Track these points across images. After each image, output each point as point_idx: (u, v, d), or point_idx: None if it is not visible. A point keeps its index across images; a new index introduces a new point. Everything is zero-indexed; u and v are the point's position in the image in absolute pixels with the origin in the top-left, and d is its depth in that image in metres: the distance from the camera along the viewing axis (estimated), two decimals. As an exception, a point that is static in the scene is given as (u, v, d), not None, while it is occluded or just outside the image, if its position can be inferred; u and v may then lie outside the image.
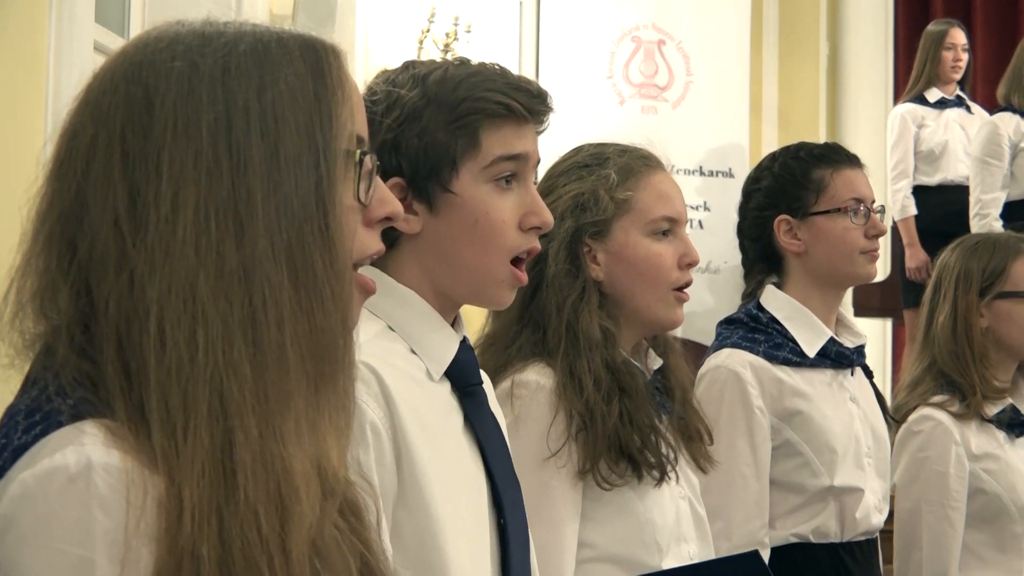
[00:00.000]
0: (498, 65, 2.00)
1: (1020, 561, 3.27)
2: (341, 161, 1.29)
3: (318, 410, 1.24)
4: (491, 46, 7.10)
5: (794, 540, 2.93)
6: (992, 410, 3.30)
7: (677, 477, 2.37)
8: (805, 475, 2.93)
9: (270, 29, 1.31)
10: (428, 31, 6.86)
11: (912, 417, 3.30)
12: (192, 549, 1.14)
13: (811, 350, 2.97)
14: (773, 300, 3.03)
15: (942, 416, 3.27)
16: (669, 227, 2.43)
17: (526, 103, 1.94)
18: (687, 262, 2.43)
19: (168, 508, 1.14)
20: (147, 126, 1.23)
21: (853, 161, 3.07)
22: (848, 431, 2.97)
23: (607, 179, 2.42)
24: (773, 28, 8.53)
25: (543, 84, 2.07)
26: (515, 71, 6.62)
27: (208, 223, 1.21)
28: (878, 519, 3.02)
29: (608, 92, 7.28)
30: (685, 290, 2.44)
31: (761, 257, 3.08)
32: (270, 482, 1.18)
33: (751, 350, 2.95)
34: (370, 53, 6.69)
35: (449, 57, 6.89)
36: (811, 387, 2.96)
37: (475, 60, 2.00)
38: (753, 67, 8.06)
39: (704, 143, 7.29)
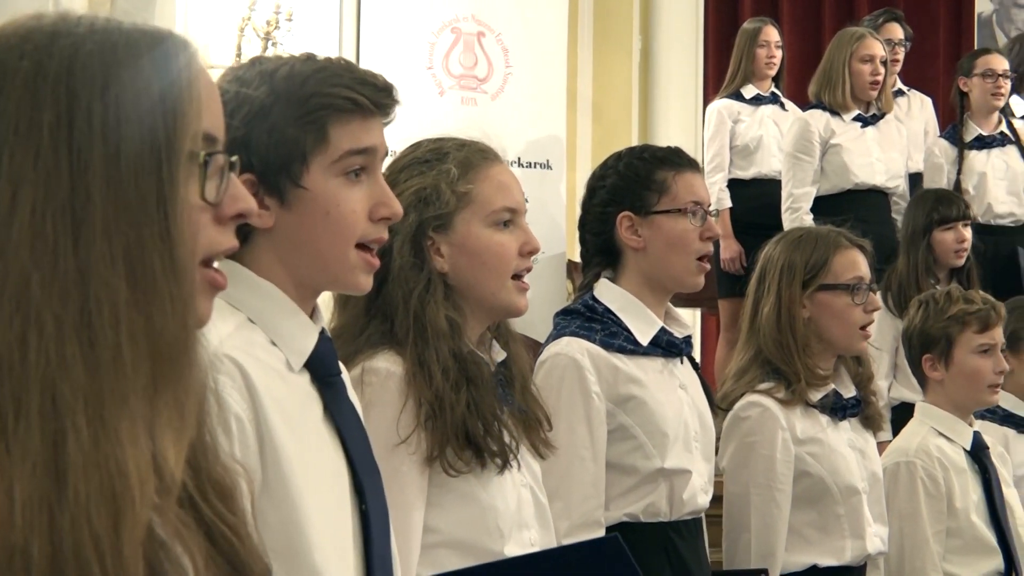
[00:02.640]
0: (344, 59, 2.05)
1: (842, 540, 3.41)
2: (186, 162, 1.29)
3: (156, 410, 1.25)
4: (312, 35, 7.09)
5: (626, 519, 3.04)
6: (815, 396, 3.44)
7: (519, 465, 2.44)
8: (638, 458, 3.03)
9: (121, 26, 1.30)
10: (249, 19, 6.83)
11: (739, 404, 3.42)
12: (23, 545, 1.14)
13: (644, 339, 3.08)
14: (607, 292, 3.12)
15: (769, 403, 3.40)
16: (510, 217, 2.50)
17: (373, 97, 1.98)
18: (528, 250, 2.50)
19: None
20: None
21: (693, 165, 3.19)
22: (678, 416, 3.08)
23: (448, 173, 2.47)
24: (588, 21, 8.65)
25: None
26: (338, 61, 6.47)
27: (44, 224, 1.20)
28: (704, 499, 3.14)
29: (428, 83, 7.32)
30: (524, 278, 2.51)
31: (600, 251, 3.17)
32: (103, 482, 1.18)
33: (588, 338, 3.04)
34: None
35: (271, 46, 6.88)
36: (644, 374, 3.06)
37: (321, 55, 2.03)
38: (569, 60, 8.16)
39: (523, 135, 7.37)
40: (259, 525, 1.79)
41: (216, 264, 1.37)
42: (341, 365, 2.04)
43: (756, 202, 6.71)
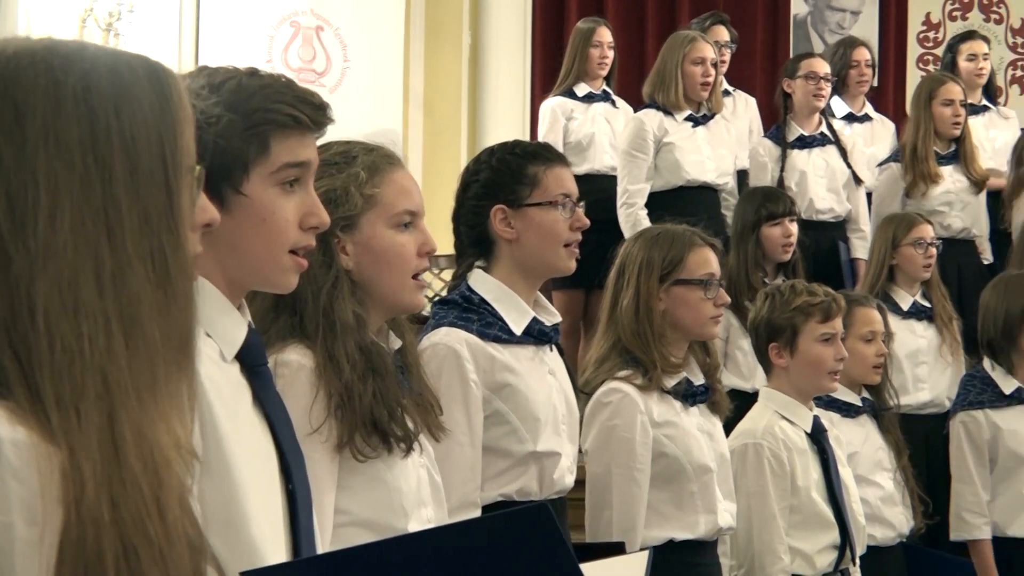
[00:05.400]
0: (284, 77, 2.19)
1: (696, 516, 3.65)
2: (185, 174, 1.46)
3: (173, 393, 1.41)
4: (153, 27, 7.13)
5: (500, 499, 3.21)
6: (670, 382, 3.67)
7: (421, 448, 2.62)
8: (512, 442, 3.21)
9: (117, 52, 1.46)
10: (91, 10, 6.85)
11: (601, 390, 3.64)
12: (96, 515, 1.30)
13: (518, 328, 3.25)
14: (482, 283, 3.28)
15: (628, 389, 3.62)
16: (410, 219, 2.66)
17: (311, 115, 2.13)
18: (426, 250, 2.67)
19: (71, 478, 1.30)
20: (20, 138, 1.36)
21: (562, 159, 3.40)
22: (548, 401, 3.26)
23: (356, 177, 2.62)
24: (419, 16, 8.76)
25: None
26: (175, 54, 6.73)
27: (84, 228, 1.36)
28: (570, 479, 3.34)
29: (267, 76, 7.39)
30: (420, 276, 2.69)
31: (474, 242, 3.33)
32: (146, 455, 1.35)
33: (466, 328, 3.20)
34: (32, 31, 6.62)
35: (112, 37, 6.90)
36: (518, 362, 3.24)
37: (263, 71, 2.19)
38: (403, 54, 8.29)
39: (360, 128, 7.46)
40: (200, 503, 1.97)
41: None
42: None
43: (589, 197, 6.74)
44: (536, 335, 3.29)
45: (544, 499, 3.24)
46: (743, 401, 4.68)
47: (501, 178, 3.31)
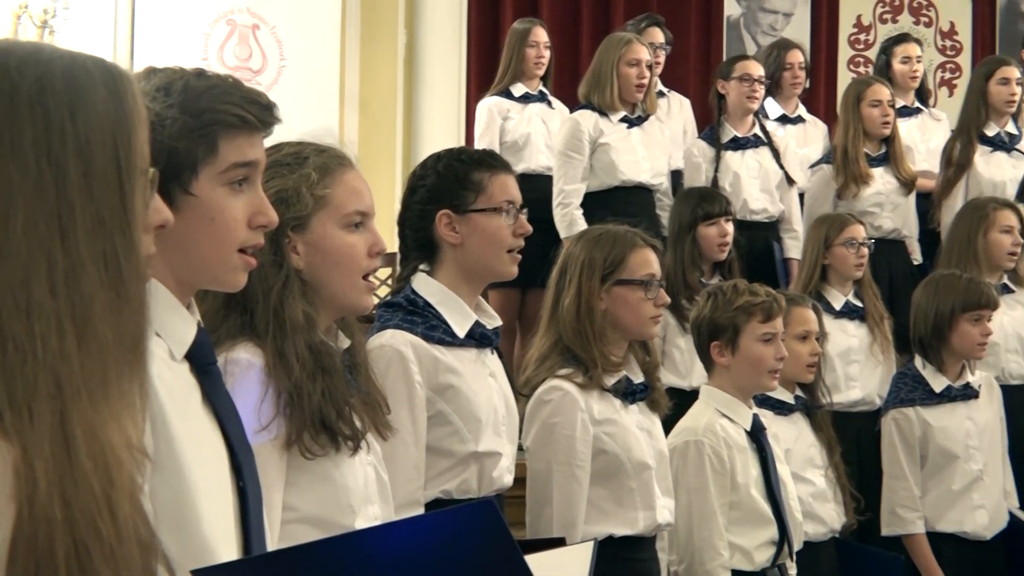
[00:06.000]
0: (231, 78, 2.20)
1: (635, 512, 3.71)
2: (139, 177, 1.48)
3: (129, 391, 1.43)
4: (88, 24, 7.10)
5: (440, 496, 3.26)
6: (610, 381, 3.72)
7: (368, 447, 2.64)
8: (454, 442, 3.26)
9: (73, 53, 1.47)
10: (25, 7, 6.81)
11: (542, 388, 3.69)
12: (48, 514, 1.32)
13: (461, 331, 3.30)
14: (425, 286, 3.32)
15: (569, 387, 3.67)
16: (361, 220, 2.68)
17: (259, 115, 2.14)
18: (376, 251, 2.70)
19: (24, 475, 1.32)
20: None
21: (506, 167, 3.45)
22: (489, 403, 3.32)
23: (308, 177, 2.64)
24: (355, 14, 8.77)
25: (138, 65, 2.27)
26: (110, 51, 6.72)
27: (37, 230, 1.37)
28: (509, 478, 3.40)
29: (202, 74, 7.37)
30: (371, 277, 2.71)
31: (419, 245, 3.37)
32: (97, 454, 1.36)
33: (411, 331, 3.25)
34: (-35, 27, 6.58)
35: (47, 34, 6.87)
36: (461, 364, 3.29)
37: (210, 72, 2.20)
38: (339, 53, 8.29)
39: (297, 127, 7.44)
40: (152, 500, 1.98)
41: None
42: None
43: (524, 196, 6.89)
44: (478, 338, 3.34)
45: (485, 496, 3.28)
46: (680, 399, 4.72)
47: (447, 184, 3.35)
